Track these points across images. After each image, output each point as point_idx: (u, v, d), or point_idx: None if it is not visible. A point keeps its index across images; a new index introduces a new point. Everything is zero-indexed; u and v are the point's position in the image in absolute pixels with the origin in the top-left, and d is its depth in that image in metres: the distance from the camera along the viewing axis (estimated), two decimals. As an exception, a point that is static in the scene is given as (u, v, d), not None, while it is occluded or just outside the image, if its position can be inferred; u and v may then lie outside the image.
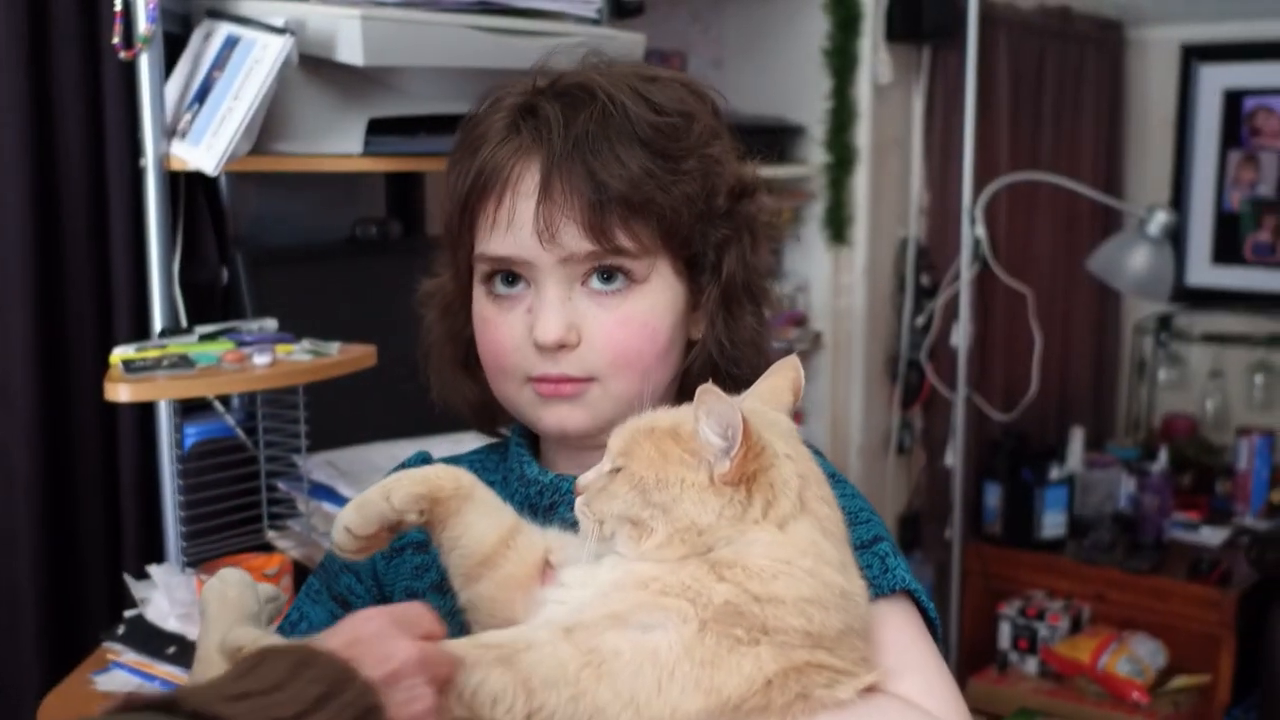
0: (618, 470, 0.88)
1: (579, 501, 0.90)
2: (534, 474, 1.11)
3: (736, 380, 1.11)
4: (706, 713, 0.79)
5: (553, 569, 0.93)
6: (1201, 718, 3.25)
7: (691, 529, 0.85)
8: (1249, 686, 3.24)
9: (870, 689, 0.86)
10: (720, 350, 1.09)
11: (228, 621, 0.93)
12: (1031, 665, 3.35)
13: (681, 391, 1.11)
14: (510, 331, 1.05)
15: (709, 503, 0.85)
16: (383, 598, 1.13)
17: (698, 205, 1.04)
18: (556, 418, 1.05)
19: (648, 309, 1.04)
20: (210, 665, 0.90)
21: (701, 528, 0.85)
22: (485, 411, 1.16)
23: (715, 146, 1.06)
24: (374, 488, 0.93)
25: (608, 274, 1.03)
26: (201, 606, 0.96)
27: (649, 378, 1.05)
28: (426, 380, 1.18)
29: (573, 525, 0.98)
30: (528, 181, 1.01)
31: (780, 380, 0.97)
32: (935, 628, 1.02)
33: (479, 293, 1.08)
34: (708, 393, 0.84)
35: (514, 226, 1.02)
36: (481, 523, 0.94)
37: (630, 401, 1.04)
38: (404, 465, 1.19)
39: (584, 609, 0.84)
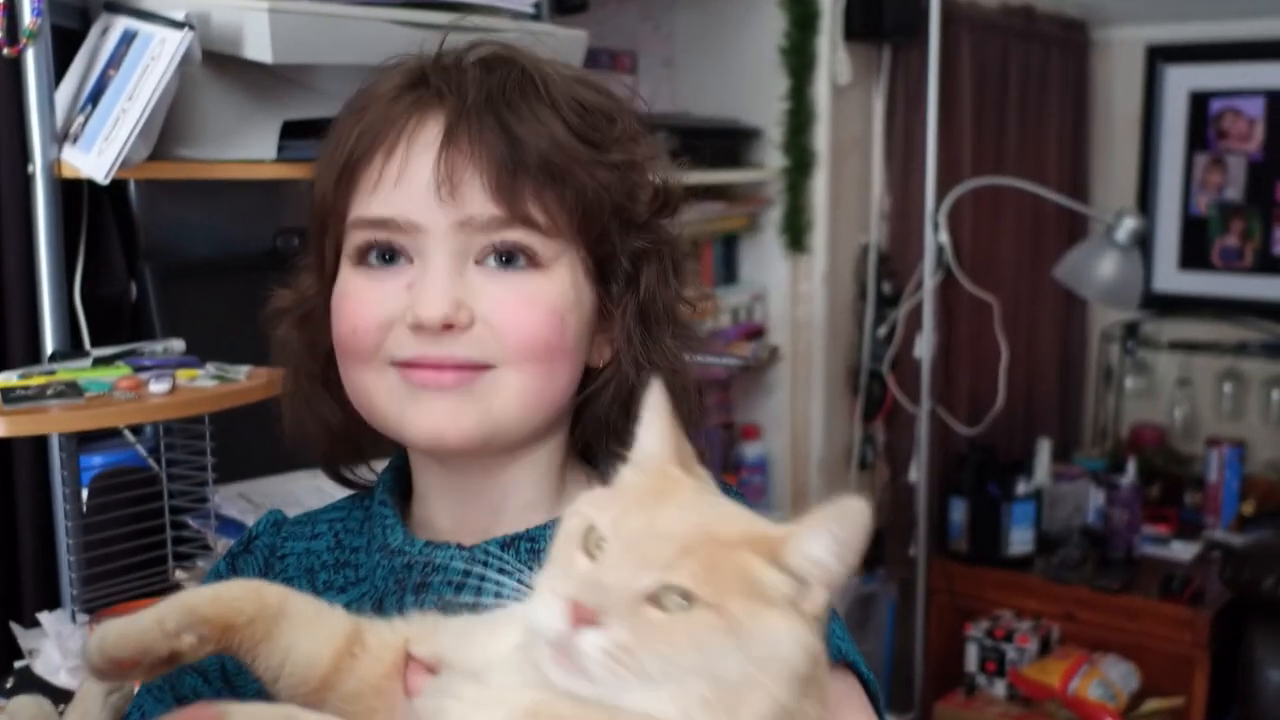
0: (687, 598, 0.64)
1: (600, 642, 0.63)
2: (399, 542, 0.92)
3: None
4: None
5: (417, 664, 0.76)
6: (1175, 741, 3.15)
7: (796, 689, 0.65)
8: (1224, 709, 3.13)
9: None
10: (637, 373, 0.92)
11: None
12: (1000, 689, 3.22)
13: (577, 422, 0.95)
14: (378, 307, 0.87)
15: (812, 651, 0.66)
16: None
17: (616, 200, 0.89)
18: (431, 419, 0.86)
19: (554, 292, 0.87)
20: None
21: (806, 686, 0.65)
22: (345, 444, 0.97)
23: (640, 149, 0.92)
24: (154, 606, 0.75)
25: (507, 255, 0.86)
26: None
27: (552, 383, 0.88)
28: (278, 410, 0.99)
29: (447, 605, 0.83)
30: (428, 132, 0.86)
31: (665, 421, 0.75)
32: (876, 700, 0.89)
33: (346, 269, 0.89)
34: (850, 507, 0.65)
35: (404, 181, 0.85)
36: (306, 641, 0.76)
37: (529, 404, 0.87)
38: (253, 531, 1.03)
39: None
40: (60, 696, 1.56)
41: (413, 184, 0.85)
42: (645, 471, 0.72)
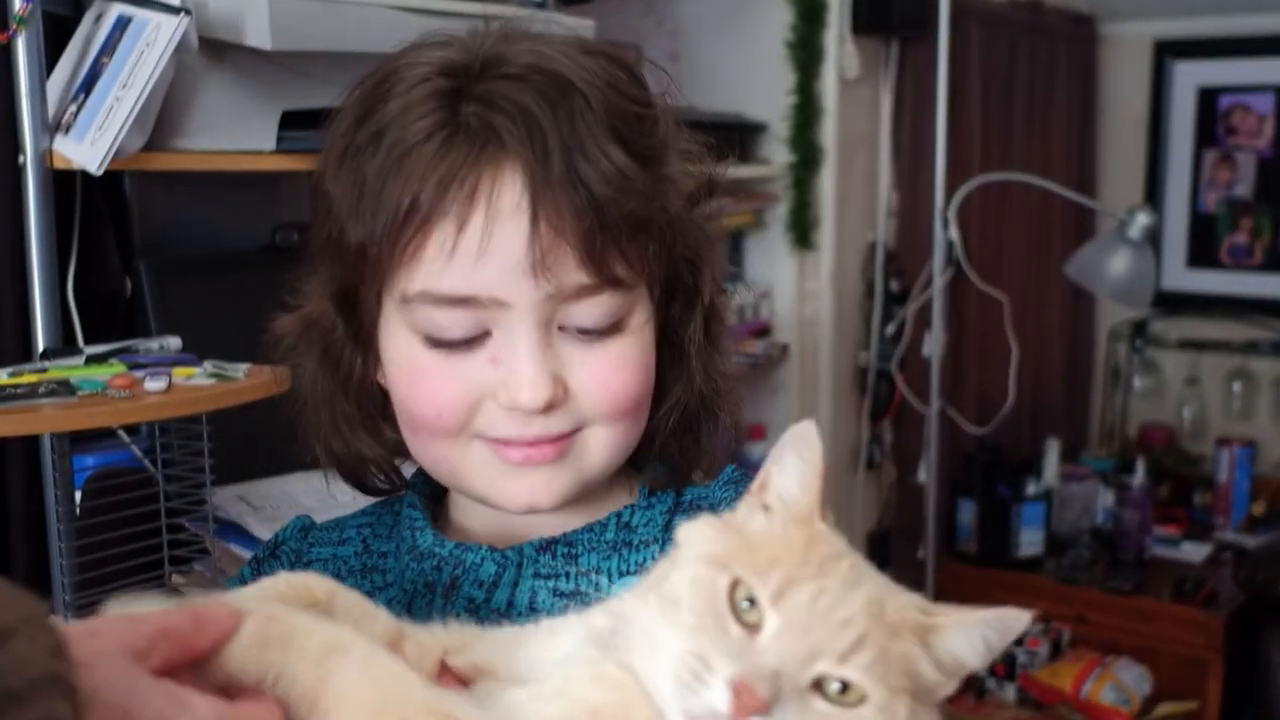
0: (853, 692, 0.60)
1: None
2: (428, 544, 0.88)
3: (718, 425, 0.92)
4: None
5: (451, 675, 0.71)
6: (1189, 746, 3.10)
7: None
8: (1238, 713, 3.09)
9: None
10: (711, 388, 0.89)
11: None
12: (1010, 692, 3.17)
13: (647, 445, 0.89)
14: (465, 385, 0.80)
15: None
16: None
17: (677, 219, 0.83)
18: (528, 493, 0.82)
19: (639, 347, 0.83)
20: None
21: None
22: (381, 467, 0.92)
23: (683, 142, 0.86)
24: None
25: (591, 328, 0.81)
26: None
27: (638, 425, 0.85)
28: (302, 434, 0.92)
29: (478, 608, 0.78)
30: (508, 196, 0.76)
31: (815, 470, 0.68)
32: None
33: (406, 335, 0.81)
34: (1011, 614, 0.63)
35: (488, 255, 0.76)
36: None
37: (617, 454, 0.84)
38: (279, 537, 0.98)
39: None
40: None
41: (501, 258, 0.76)
42: (783, 521, 0.66)
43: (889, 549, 3.43)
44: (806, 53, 3.06)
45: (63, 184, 1.68)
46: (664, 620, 0.62)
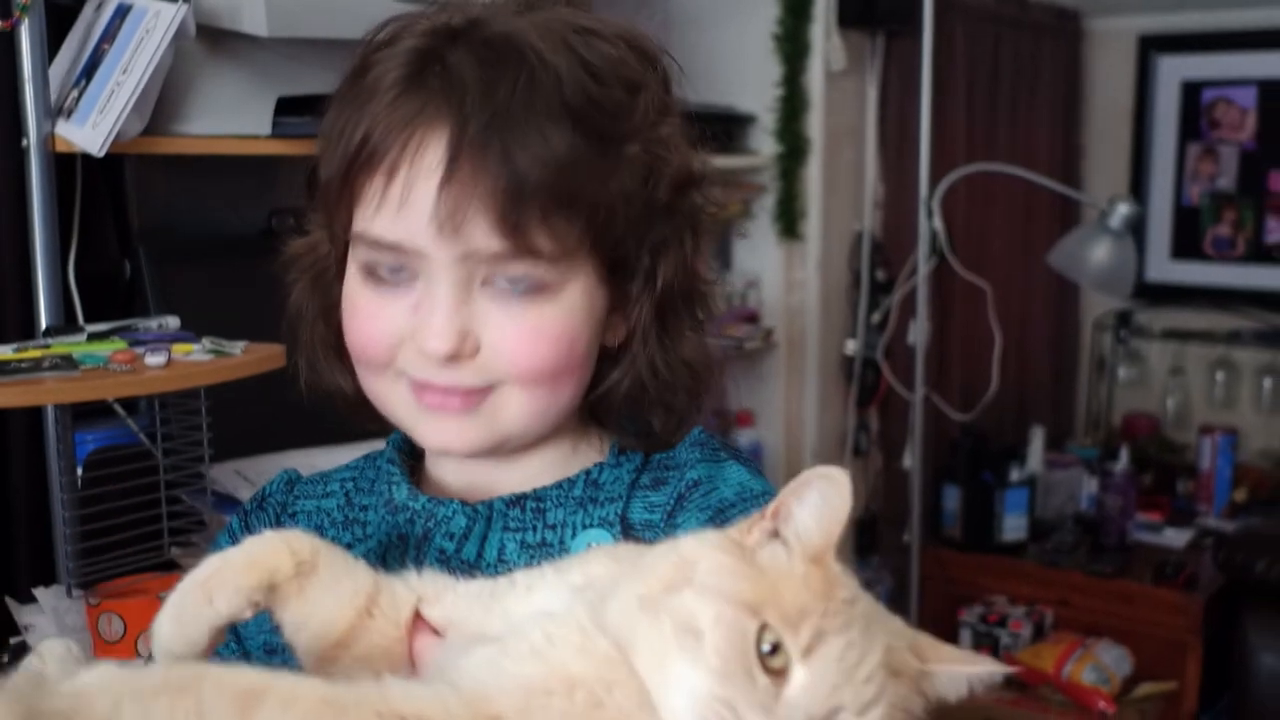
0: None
1: None
2: (402, 498, 0.92)
3: (669, 408, 0.93)
4: None
5: (424, 625, 0.75)
6: (1168, 726, 3.15)
7: None
8: (1217, 694, 3.14)
9: None
10: (653, 373, 0.90)
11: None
12: (993, 674, 3.23)
13: (594, 415, 0.94)
14: (389, 325, 0.85)
15: None
16: (243, 654, 0.95)
17: (637, 201, 0.85)
18: (441, 436, 0.87)
19: (563, 316, 0.85)
20: None
21: None
22: (361, 408, 0.95)
23: (664, 127, 0.87)
24: (190, 583, 0.72)
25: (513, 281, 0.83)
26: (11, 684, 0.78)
27: (559, 394, 0.87)
28: (294, 366, 0.98)
29: (449, 559, 0.82)
30: (430, 155, 0.80)
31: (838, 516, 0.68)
32: None
33: (353, 271, 0.87)
34: (988, 663, 0.66)
35: (407, 209, 0.81)
36: (330, 600, 0.75)
37: (536, 418, 0.87)
38: (266, 490, 1.03)
39: (518, 696, 0.64)
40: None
41: (415, 215, 0.81)
42: (800, 559, 0.66)
43: (876, 534, 3.48)
44: (793, 46, 3.11)
45: (63, 169, 1.72)
46: (680, 649, 0.62)
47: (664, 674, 0.62)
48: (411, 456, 0.98)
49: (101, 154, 1.57)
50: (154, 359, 1.55)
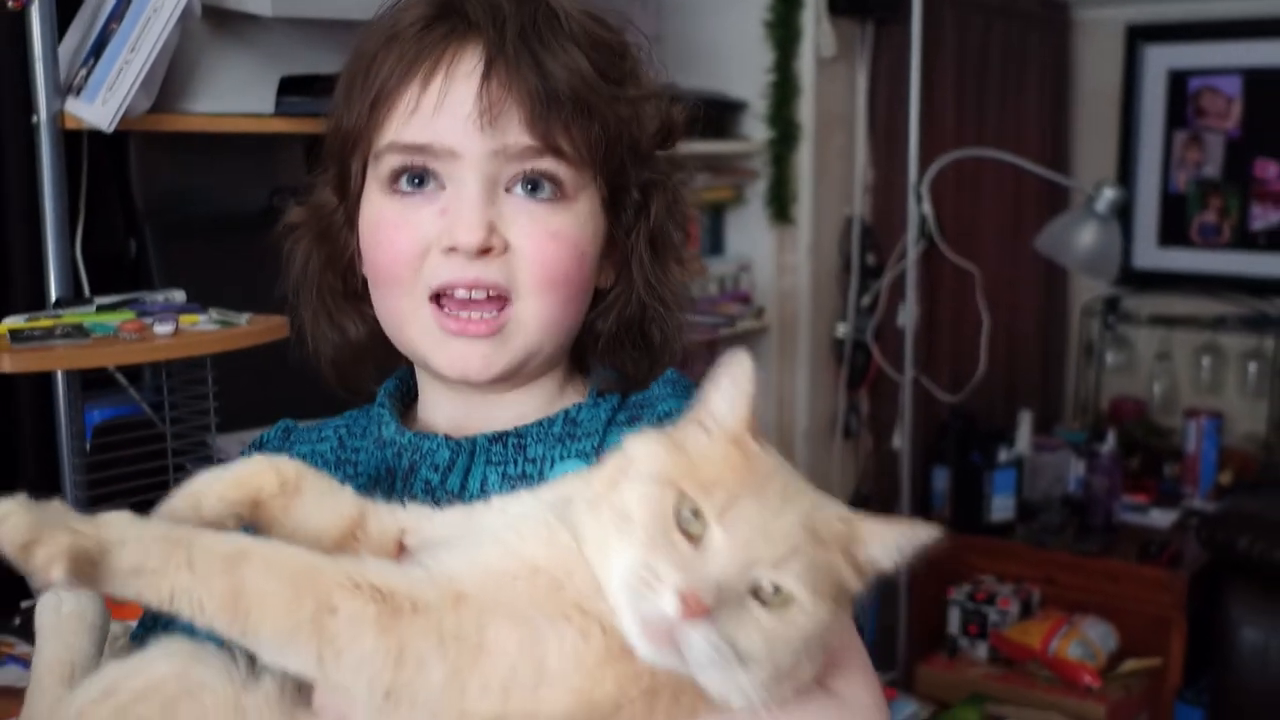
0: (784, 594, 0.68)
1: (711, 637, 0.66)
2: (390, 434, 0.98)
3: (649, 345, 1.01)
4: (571, 712, 0.69)
5: (408, 554, 0.80)
6: (1153, 701, 3.20)
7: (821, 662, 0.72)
8: (1200, 669, 3.20)
9: None
10: (641, 305, 0.98)
11: (63, 637, 0.82)
12: (981, 650, 3.28)
13: (581, 345, 1.00)
14: (415, 233, 0.91)
15: (847, 628, 0.74)
16: None
17: (632, 134, 0.94)
18: (462, 362, 0.92)
19: (577, 225, 0.92)
20: (40, 687, 0.80)
21: None
22: (362, 358, 1.02)
23: (645, 82, 0.97)
24: (180, 494, 0.78)
25: (535, 184, 0.90)
26: (36, 625, 0.84)
27: (569, 311, 0.94)
28: (296, 327, 1.03)
29: (434, 490, 0.88)
30: (466, 62, 0.89)
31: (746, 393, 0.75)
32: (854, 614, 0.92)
33: (375, 193, 0.93)
34: (921, 528, 0.72)
35: (444, 109, 0.88)
36: (316, 514, 0.80)
37: (549, 330, 0.93)
38: (263, 438, 1.08)
39: (485, 579, 0.71)
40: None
41: (453, 111, 0.88)
42: (716, 439, 0.73)
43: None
44: (785, 33, 3.16)
45: (70, 148, 1.77)
46: (617, 531, 0.70)
47: (605, 556, 0.70)
48: (403, 403, 1.03)
49: (111, 129, 1.62)
50: (162, 328, 1.60)
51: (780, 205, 3.22)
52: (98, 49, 1.70)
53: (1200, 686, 3.17)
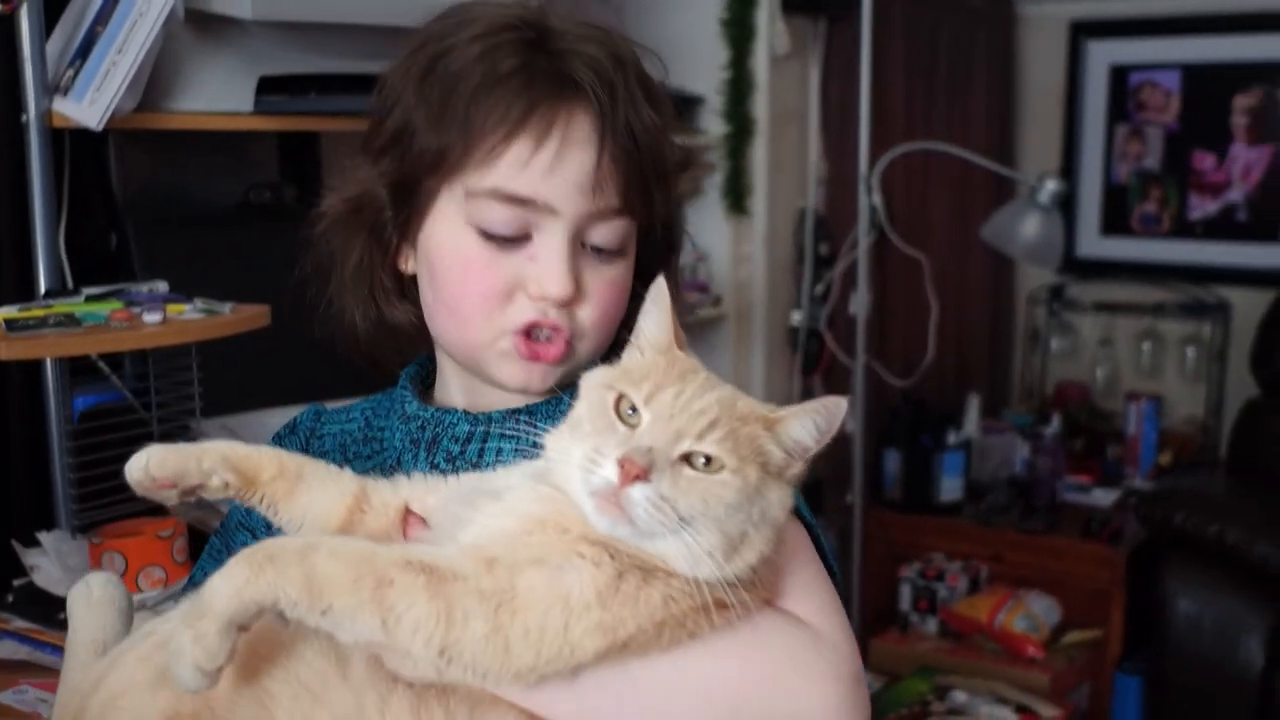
0: (718, 465, 0.80)
1: (647, 493, 0.78)
2: (414, 409, 1.08)
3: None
4: (601, 651, 0.80)
5: (415, 518, 0.91)
6: (1094, 671, 3.34)
7: (775, 542, 0.83)
8: (1139, 640, 3.34)
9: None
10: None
11: (95, 619, 0.93)
12: (931, 625, 3.41)
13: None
14: (506, 275, 0.99)
15: (787, 507, 0.83)
16: None
17: (671, 174, 1.04)
18: (525, 375, 1.01)
19: (626, 273, 1.03)
20: (76, 660, 0.91)
21: (783, 536, 0.83)
22: (395, 341, 1.10)
23: (671, 111, 1.05)
24: (191, 444, 0.89)
25: (605, 247, 1.01)
26: (69, 610, 0.95)
27: (611, 336, 1.04)
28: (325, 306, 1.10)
29: (454, 459, 0.98)
30: (579, 129, 0.96)
31: (667, 312, 0.91)
32: (820, 543, 1.01)
33: (461, 226, 0.99)
34: (832, 403, 0.82)
35: (558, 172, 0.96)
36: (321, 499, 0.91)
37: (595, 358, 1.02)
38: (297, 419, 1.18)
39: (505, 542, 0.81)
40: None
41: (565, 176, 0.96)
42: (648, 353, 0.88)
43: (821, 496, 3.65)
44: (740, 30, 3.26)
45: (53, 145, 1.84)
46: (571, 437, 0.83)
47: (567, 462, 0.82)
48: (423, 384, 1.13)
49: (100, 128, 1.70)
50: (151, 316, 1.68)
51: (736, 197, 3.32)
52: (84, 50, 1.77)
53: (1139, 656, 3.30)
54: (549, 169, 0.96)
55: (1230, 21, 4.03)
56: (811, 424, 0.83)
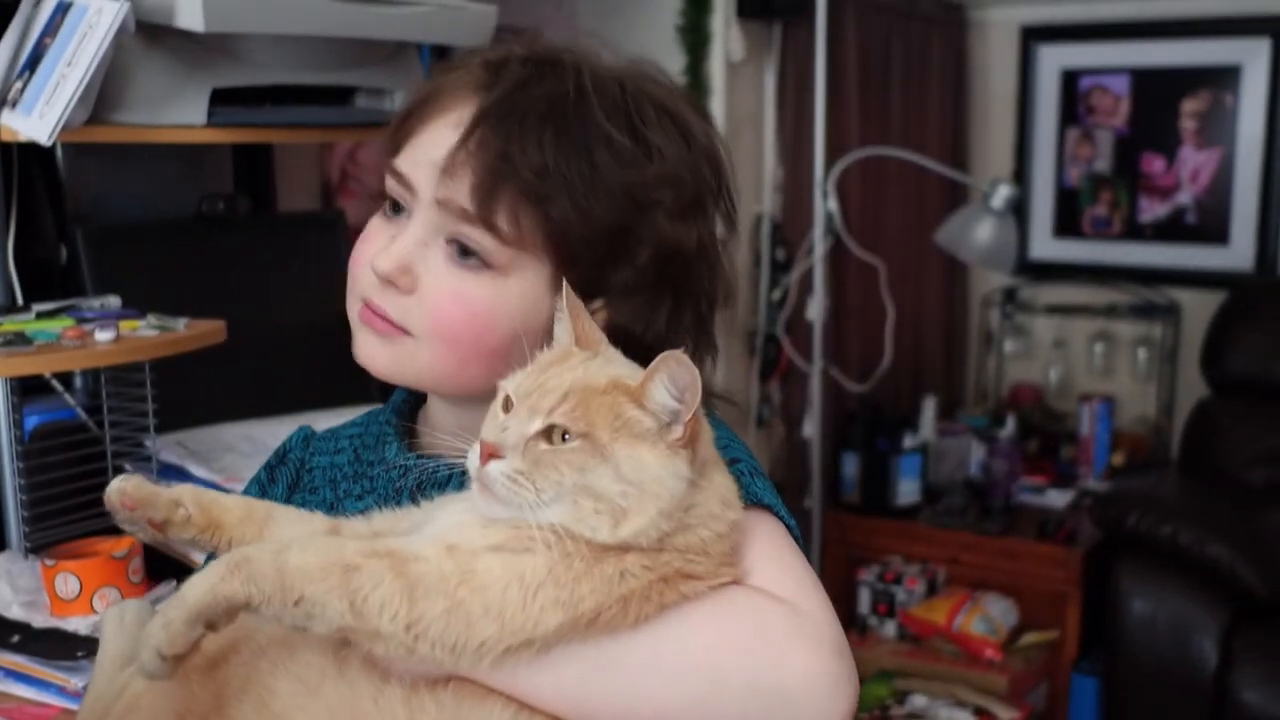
0: (571, 435, 0.83)
1: (501, 467, 0.83)
2: (392, 455, 1.07)
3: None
4: (563, 626, 0.82)
5: None
6: (1051, 671, 3.38)
7: (677, 506, 0.84)
8: (1094, 640, 3.37)
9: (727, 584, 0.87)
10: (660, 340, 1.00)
11: (124, 639, 0.97)
12: (890, 629, 3.43)
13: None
14: (369, 249, 1.01)
15: (679, 472, 0.84)
16: None
17: (604, 236, 0.95)
18: (365, 350, 1.01)
19: (491, 298, 0.96)
20: (105, 674, 0.96)
21: (683, 503, 0.84)
22: None
23: (665, 195, 0.96)
24: (169, 488, 0.93)
25: (462, 247, 0.96)
26: (100, 627, 1.01)
27: (467, 367, 0.99)
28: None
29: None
30: (460, 113, 0.96)
31: (567, 319, 0.92)
32: (798, 540, 0.99)
33: (378, 212, 1.04)
34: (671, 359, 0.82)
35: (424, 147, 0.97)
36: (294, 534, 0.92)
37: (440, 379, 1.01)
38: (287, 445, 1.18)
39: (464, 531, 0.85)
40: (12, 629, 1.66)
41: (428, 154, 0.96)
42: (552, 354, 0.91)
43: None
44: (695, 37, 3.26)
45: (1, 157, 1.81)
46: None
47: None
48: (410, 419, 1.12)
49: (50, 143, 1.67)
50: (103, 334, 1.65)
51: (693, 203, 3.32)
52: (33, 62, 1.74)
53: (1095, 656, 3.34)
54: (417, 142, 0.98)
55: (1178, 26, 4.09)
56: (662, 385, 0.84)
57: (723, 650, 0.84)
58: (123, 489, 0.90)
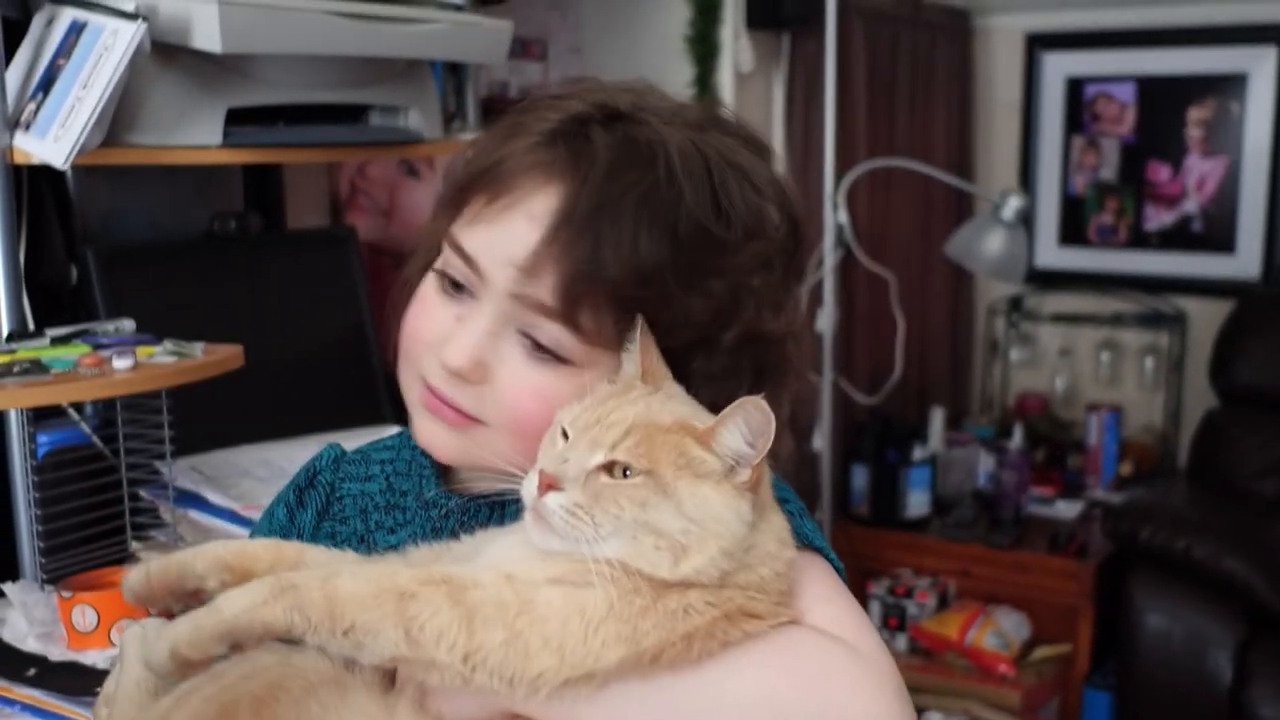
0: (633, 471, 0.82)
1: (560, 500, 0.81)
2: (432, 495, 1.03)
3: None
4: (625, 661, 0.80)
5: None
6: (1063, 686, 3.36)
7: (738, 546, 0.82)
8: (1107, 654, 3.36)
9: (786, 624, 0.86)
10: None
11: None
12: (901, 643, 3.41)
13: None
14: (434, 326, 0.95)
15: (742, 513, 0.83)
16: None
17: (695, 331, 0.92)
18: (428, 435, 0.97)
19: (570, 393, 0.91)
20: (127, 697, 0.92)
21: (744, 543, 0.83)
22: None
23: (758, 278, 0.93)
24: (189, 549, 0.90)
25: (540, 344, 0.91)
26: (120, 649, 0.95)
27: (535, 447, 0.92)
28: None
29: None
30: (538, 204, 0.89)
31: (638, 352, 0.89)
32: (846, 582, 0.98)
33: (434, 271, 0.96)
34: (750, 404, 0.81)
35: (499, 235, 0.90)
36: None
37: (511, 461, 0.92)
38: (315, 465, 1.13)
39: (521, 563, 0.84)
40: (29, 662, 1.63)
41: (505, 245, 0.90)
42: (616, 386, 0.89)
43: (788, 514, 3.63)
44: (704, 47, 3.24)
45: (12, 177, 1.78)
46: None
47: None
48: None
49: (66, 166, 1.64)
50: (121, 362, 1.62)
51: (702, 215, 3.29)
52: (46, 84, 1.71)
53: (1107, 671, 3.33)
54: (489, 229, 0.91)
55: (1184, 34, 4.07)
56: (736, 430, 0.83)
57: (788, 690, 0.83)
58: (148, 575, 0.88)
